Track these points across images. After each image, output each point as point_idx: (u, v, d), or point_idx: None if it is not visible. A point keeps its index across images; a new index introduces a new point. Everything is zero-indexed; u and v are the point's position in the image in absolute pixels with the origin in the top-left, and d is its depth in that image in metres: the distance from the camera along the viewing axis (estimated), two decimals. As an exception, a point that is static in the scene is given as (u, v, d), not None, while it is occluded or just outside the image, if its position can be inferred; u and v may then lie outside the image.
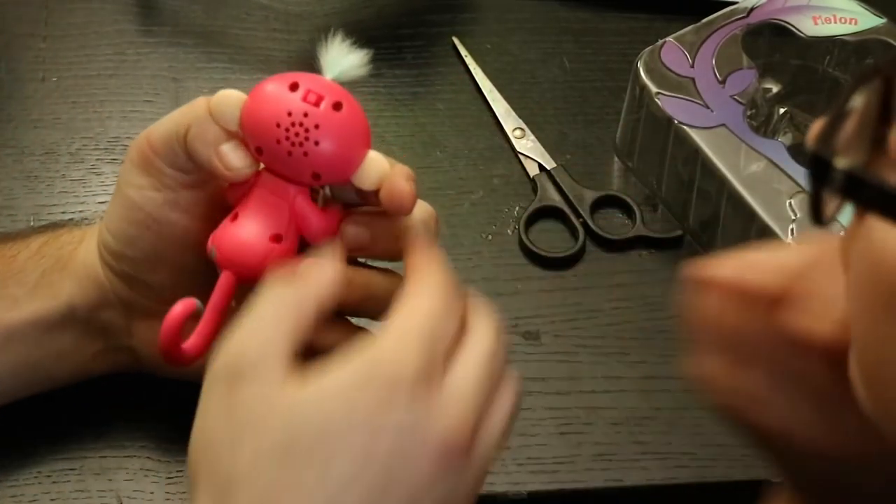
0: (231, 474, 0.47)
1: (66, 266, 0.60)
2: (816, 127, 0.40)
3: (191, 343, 0.55)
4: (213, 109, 0.54)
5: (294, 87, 0.53)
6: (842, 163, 0.37)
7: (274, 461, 0.47)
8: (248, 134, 0.54)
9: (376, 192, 0.53)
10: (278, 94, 0.53)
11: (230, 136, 0.54)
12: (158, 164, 0.56)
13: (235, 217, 0.55)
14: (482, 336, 0.51)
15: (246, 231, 0.54)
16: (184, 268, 0.59)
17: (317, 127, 0.52)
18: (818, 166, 0.38)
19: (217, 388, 0.50)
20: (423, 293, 0.51)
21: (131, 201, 0.57)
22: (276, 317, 0.50)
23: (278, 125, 0.52)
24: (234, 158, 0.54)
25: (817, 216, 0.39)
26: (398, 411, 0.47)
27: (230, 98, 0.54)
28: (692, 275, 0.49)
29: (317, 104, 0.52)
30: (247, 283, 0.55)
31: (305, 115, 0.52)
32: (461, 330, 0.51)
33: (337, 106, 0.53)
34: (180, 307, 0.54)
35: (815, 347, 0.45)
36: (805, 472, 0.50)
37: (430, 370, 0.48)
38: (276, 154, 0.53)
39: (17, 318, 0.59)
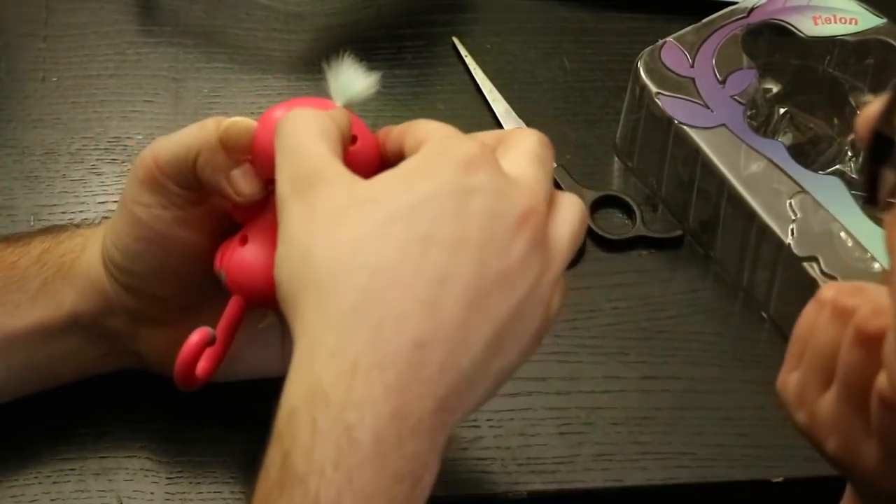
0: (330, 271, 0.46)
1: (67, 275, 0.59)
2: (872, 108, 0.39)
3: (202, 367, 0.57)
4: (223, 137, 0.54)
5: None
6: None
7: (372, 246, 0.46)
8: (260, 161, 0.54)
9: None
10: None
11: (240, 161, 0.55)
12: (166, 183, 0.56)
13: (244, 240, 0.55)
14: (527, 141, 0.52)
15: (256, 255, 0.55)
16: (190, 279, 0.59)
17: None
18: (879, 143, 0.37)
19: (293, 204, 0.49)
20: (434, 125, 0.52)
21: (137, 219, 0.57)
22: (318, 130, 0.50)
23: None
24: (244, 184, 0.55)
25: (873, 196, 0.38)
26: (479, 175, 0.48)
27: (241, 126, 0.54)
28: (818, 295, 0.49)
29: None
30: (256, 307, 0.55)
31: None
32: (500, 141, 0.53)
33: (352, 139, 0.53)
34: (196, 338, 0.54)
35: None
36: (871, 493, 0.51)
37: (487, 150, 0.49)
38: None
39: (19, 325, 0.59)
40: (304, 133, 0.51)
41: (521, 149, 0.52)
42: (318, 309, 0.46)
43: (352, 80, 0.55)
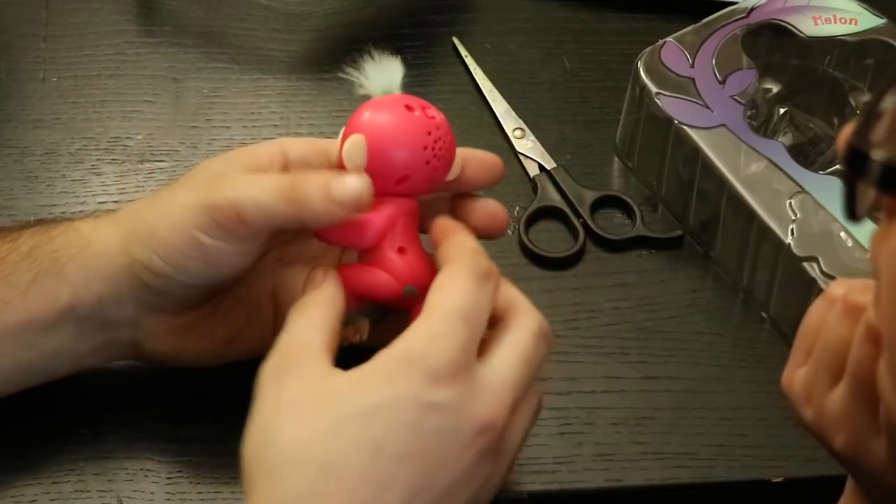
0: (284, 458, 0.49)
1: (63, 271, 0.59)
2: (850, 125, 0.40)
3: None
4: (346, 158, 0.55)
5: (409, 108, 0.56)
6: (879, 154, 0.37)
7: (325, 442, 0.49)
8: (387, 167, 0.56)
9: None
10: (408, 119, 0.56)
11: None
12: (246, 233, 0.57)
13: (403, 251, 0.57)
14: (521, 335, 0.54)
15: (422, 260, 0.57)
16: (219, 288, 0.60)
17: (446, 135, 0.57)
18: (855, 158, 0.38)
19: (266, 386, 0.52)
20: (454, 284, 0.53)
21: (200, 245, 0.56)
22: (308, 317, 0.54)
23: (425, 147, 0.56)
24: (352, 187, 0.55)
25: (852, 210, 0.39)
26: (442, 391, 0.49)
27: (357, 143, 0.55)
28: (828, 292, 0.50)
29: (434, 116, 0.57)
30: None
31: (437, 128, 0.57)
32: (501, 318, 0.54)
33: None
34: None
35: None
36: (879, 491, 0.51)
37: (464, 358, 0.50)
38: (422, 175, 0.56)
39: (9, 320, 0.59)
40: (303, 320, 0.54)
41: (512, 342, 0.54)
42: (269, 492, 0.49)
43: (385, 71, 0.57)
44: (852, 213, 0.39)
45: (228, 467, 0.63)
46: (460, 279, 0.53)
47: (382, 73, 0.57)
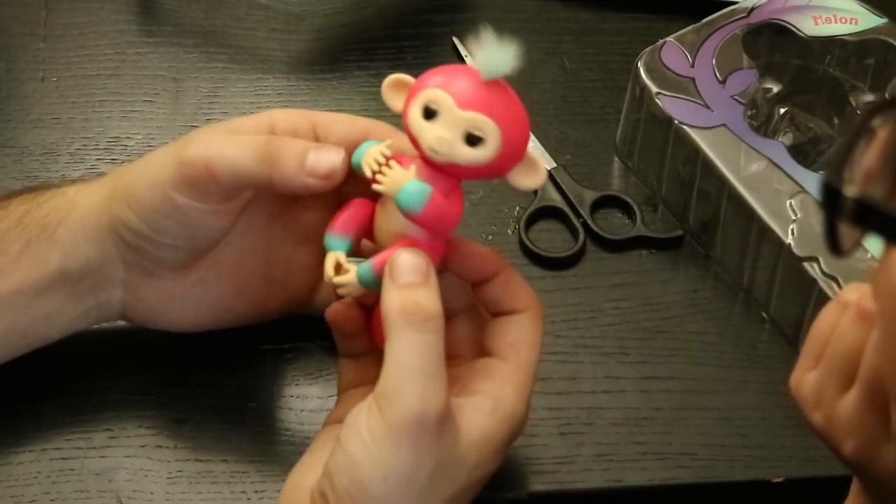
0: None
1: (53, 235, 0.59)
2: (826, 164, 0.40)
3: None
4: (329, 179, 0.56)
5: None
6: (851, 191, 0.37)
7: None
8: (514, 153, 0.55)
9: None
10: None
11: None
12: (216, 190, 0.57)
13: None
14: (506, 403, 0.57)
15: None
16: (203, 249, 0.60)
17: None
18: (830, 195, 0.38)
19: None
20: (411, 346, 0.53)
21: (175, 205, 0.57)
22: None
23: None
24: (327, 161, 0.55)
25: (833, 245, 0.39)
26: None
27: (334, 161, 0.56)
28: (840, 296, 0.50)
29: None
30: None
31: None
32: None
33: None
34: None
35: None
36: (886, 496, 0.51)
37: (435, 415, 0.52)
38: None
39: (3, 288, 0.59)
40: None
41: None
42: None
43: (497, 55, 0.55)
44: (835, 249, 0.39)
45: (228, 467, 0.63)
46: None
47: (493, 58, 0.56)
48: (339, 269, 0.56)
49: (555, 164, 0.76)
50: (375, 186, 0.54)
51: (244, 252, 0.62)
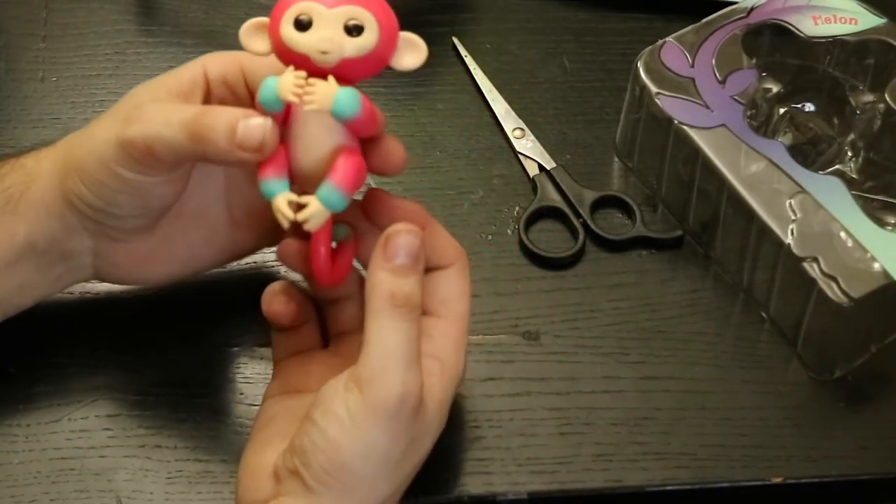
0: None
1: (16, 209, 0.59)
2: None
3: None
4: (241, 146, 0.55)
5: None
6: None
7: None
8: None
9: None
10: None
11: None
12: (160, 166, 0.57)
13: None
14: (450, 362, 0.58)
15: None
16: (160, 213, 0.60)
17: None
18: None
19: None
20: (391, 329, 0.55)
21: (122, 179, 0.57)
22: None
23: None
24: (263, 135, 0.54)
25: None
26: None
27: (257, 130, 0.55)
28: None
29: None
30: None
31: None
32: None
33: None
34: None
35: None
36: None
37: (414, 399, 0.54)
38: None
39: None
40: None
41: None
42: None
43: None
44: None
45: (228, 467, 0.63)
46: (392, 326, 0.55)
47: None
48: (294, 207, 0.55)
49: (555, 164, 0.76)
50: (308, 107, 0.53)
51: (204, 201, 0.62)
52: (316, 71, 0.54)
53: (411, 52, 0.56)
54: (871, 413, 0.67)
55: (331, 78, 0.54)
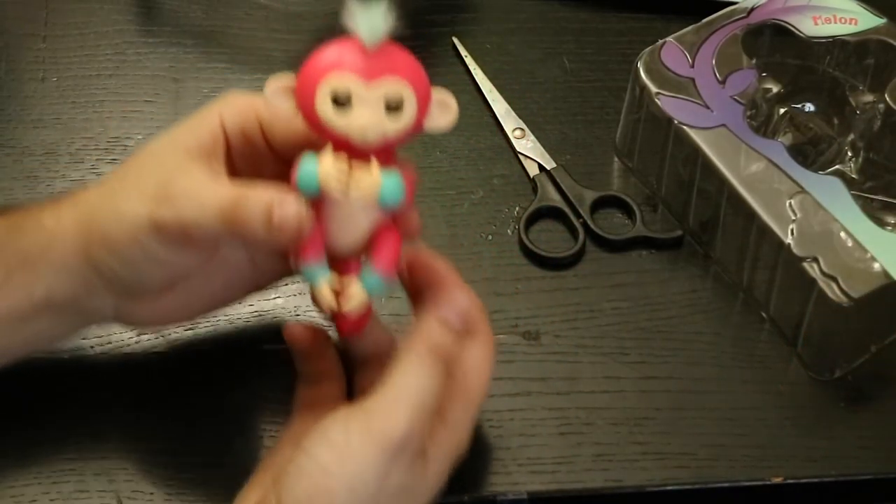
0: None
1: (35, 268, 0.58)
2: None
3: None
4: (276, 233, 0.54)
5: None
6: None
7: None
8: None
9: None
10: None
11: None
12: (194, 245, 0.56)
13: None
14: (457, 429, 0.57)
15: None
16: (190, 273, 0.60)
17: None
18: None
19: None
20: (414, 373, 0.54)
21: (153, 255, 0.56)
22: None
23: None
24: (292, 220, 0.54)
25: None
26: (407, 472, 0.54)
27: (292, 217, 0.54)
28: None
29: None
30: None
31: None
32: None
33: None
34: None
35: None
36: None
37: (416, 445, 0.54)
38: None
39: None
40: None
41: (451, 442, 0.57)
42: None
43: (372, 18, 0.52)
44: None
45: (228, 468, 0.63)
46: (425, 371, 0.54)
47: (373, 21, 0.52)
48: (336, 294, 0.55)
49: (555, 164, 0.76)
50: (354, 200, 0.53)
51: (226, 251, 0.62)
52: (355, 150, 0.52)
53: (443, 113, 0.54)
54: (871, 413, 0.67)
55: (374, 164, 0.52)
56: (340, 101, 0.51)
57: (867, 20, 0.74)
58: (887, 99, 0.71)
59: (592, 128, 0.79)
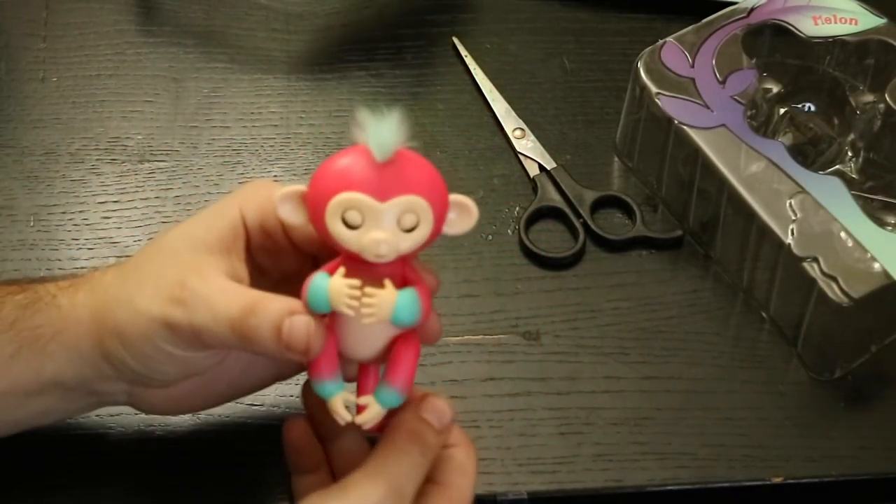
0: None
1: (45, 349, 0.57)
2: None
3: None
4: (287, 345, 0.53)
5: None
6: None
7: None
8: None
9: None
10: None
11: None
12: (206, 347, 0.55)
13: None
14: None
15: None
16: (205, 370, 0.58)
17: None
18: None
19: None
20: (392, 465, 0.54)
21: (167, 353, 0.55)
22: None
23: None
24: (301, 337, 0.52)
25: None
26: None
27: (302, 329, 0.53)
28: None
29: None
30: None
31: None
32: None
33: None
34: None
35: None
36: None
37: None
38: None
39: None
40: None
41: None
42: None
43: (384, 131, 0.49)
44: None
45: (228, 469, 0.63)
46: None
47: (385, 136, 0.49)
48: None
49: (555, 164, 0.76)
50: (366, 321, 0.50)
51: None
52: (369, 264, 0.50)
53: (463, 218, 0.52)
54: (871, 413, 0.67)
55: (388, 284, 0.50)
56: (352, 225, 0.49)
57: (867, 20, 0.74)
58: (887, 99, 0.71)
59: (592, 128, 0.79)
